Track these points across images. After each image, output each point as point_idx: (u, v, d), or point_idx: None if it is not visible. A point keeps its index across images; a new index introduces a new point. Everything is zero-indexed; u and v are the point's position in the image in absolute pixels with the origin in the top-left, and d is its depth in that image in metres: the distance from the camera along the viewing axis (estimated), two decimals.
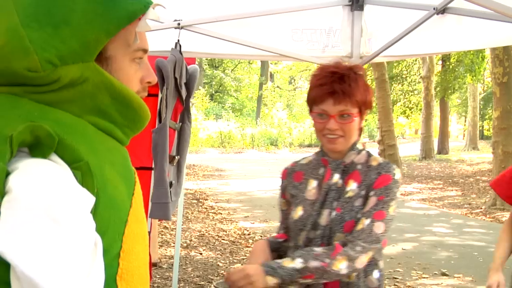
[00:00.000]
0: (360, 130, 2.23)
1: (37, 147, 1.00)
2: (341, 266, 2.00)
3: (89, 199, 1.02)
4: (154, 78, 1.30)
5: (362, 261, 2.04)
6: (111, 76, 1.16)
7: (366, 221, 2.06)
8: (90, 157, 1.06)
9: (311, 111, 2.19)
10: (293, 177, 2.32)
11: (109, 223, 1.07)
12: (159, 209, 3.40)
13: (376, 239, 2.06)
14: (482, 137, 38.98)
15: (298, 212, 2.20)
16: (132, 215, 1.14)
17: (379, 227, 2.06)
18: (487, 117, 33.98)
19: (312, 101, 2.16)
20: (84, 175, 1.03)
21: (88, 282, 0.97)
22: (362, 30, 3.58)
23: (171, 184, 3.54)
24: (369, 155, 2.23)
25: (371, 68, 17.95)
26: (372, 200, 2.09)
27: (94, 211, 1.03)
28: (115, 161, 1.16)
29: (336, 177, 2.17)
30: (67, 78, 1.10)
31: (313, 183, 2.23)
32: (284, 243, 2.33)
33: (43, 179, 0.96)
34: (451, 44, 3.61)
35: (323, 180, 2.19)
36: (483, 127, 40.00)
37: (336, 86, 2.08)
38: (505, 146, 13.85)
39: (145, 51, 1.26)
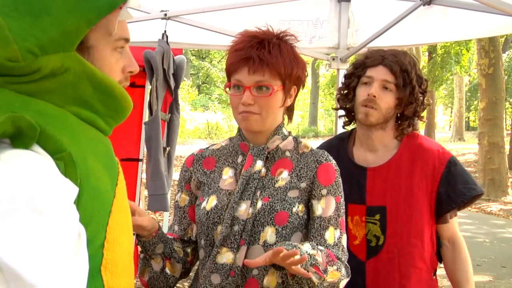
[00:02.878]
0: (290, 111, 1.94)
1: (19, 138, 0.99)
2: (331, 280, 1.73)
3: (72, 190, 1.01)
4: (136, 68, 1.29)
5: (342, 285, 1.79)
6: (92, 65, 1.15)
7: (336, 233, 1.82)
8: (72, 147, 1.05)
9: (228, 82, 1.84)
10: (202, 163, 1.95)
11: (92, 214, 1.06)
12: (157, 201, 3.41)
13: (347, 254, 1.84)
14: (468, 128, 39.24)
15: (211, 202, 1.83)
16: (116, 205, 1.14)
17: (345, 240, 1.85)
18: (473, 108, 34.19)
19: (228, 70, 1.82)
20: (67, 166, 1.02)
21: (72, 272, 0.96)
22: (349, 21, 3.58)
23: (164, 175, 3.54)
24: (297, 141, 1.92)
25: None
26: (331, 202, 1.82)
27: (78, 202, 1.03)
28: (98, 152, 1.15)
29: (259, 164, 1.83)
30: (48, 68, 1.09)
31: (229, 172, 1.88)
32: (176, 242, 1.92)
33: (25, 169, 0.96)
34: (437, 35, 3.62)
35: (243, 168, 1.84)
36: (469, 118, 40.22)
37: (252, 52, 1.73)
38: (490, 137, 13.98)
39: (126, 40, 1.24)
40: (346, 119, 2.45)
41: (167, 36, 3.45)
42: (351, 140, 2.44)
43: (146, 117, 4.13)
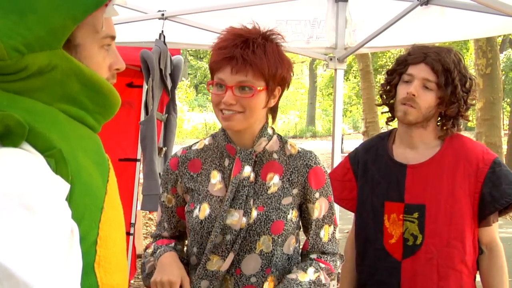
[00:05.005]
0: (274, 112, 1.92)
1: (8, 137, 0.99)
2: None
3: (64, 187, 1.02)
4: (122, 65, 1.29)
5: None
6: (80, 62, 1.16)
7: (330, 229, 1.92)
8: (62, 144, 1.05)
9: (211, 80, 1.80)
10: (187, 166, 1.91)
11: (85, 210, 1.07)
12: (151, 201, 3.40)
13: (337, 245, 1.96)
14: (466, 128, 39.24)
15: (204, 211, 1.81)
16: (107, 202, 1.14)
17: (337, 232, 1.96)
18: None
19: (211, 68, 1.79)
20: (58, 163, 1.03)
21: (66, 269, 0.96)
22: (346, 21, 3.59)
23: (159, 175, 3.53)
24: (282, 140, 1.91)
25: (356, 59, 17.98)
26: (324, 203, 1.89)
27: (70, 199, 1.03)
28: (88, 148, 1.15)
29: (247, 170, 1.80)
30: (35, 66, 1.09)
31: (217, 176, 1.85)
32: (177, 247, 1.96)
33: (15, 168, 0.96)
34: (434, 35, 3.62)
35: (232, 174, 1.82)
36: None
37: (236, 51, 1.69)
38: (488, 137, 13.97)
39: (113, 37, 1.24)
40: (390, 115, 2.41)
41: (164, 36, 3.44)
42: (391, 138, 2.41)
43: (142, 117, 4.13)
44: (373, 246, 2.30)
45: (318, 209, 1.87)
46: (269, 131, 1.87)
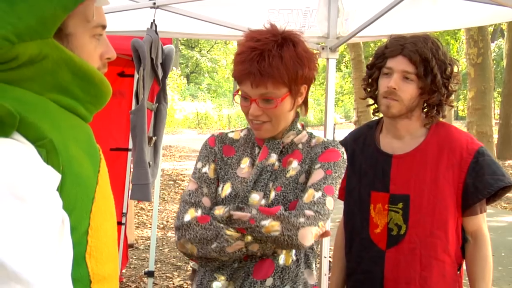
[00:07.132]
0: (305, 104, 1.95)
1: None
2: (273, 230, 1.70)
3: (55, 177, 1.01)
4: (113, 54, 1.29)
5: (307, 234, 1.70)
6: (71, 52, 1.15)
7: (316, 193, 1.76)
8: (54, 134, 1.05)
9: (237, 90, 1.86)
10: (222, 149, 1.97)
11: (76, 201, 1.06)
12: (140, 190, 3.39)
13: (327, 213, 1.76)
14: (457, 117, 39.44)
15: (226, 189, 1.87)
16: (99, 192, 1.14)
17: (330, 203, 1.77)
18: (461, 97, 34.33)
19: (236, 80, 1.84)
20: (49, 153, 1.02)
21: (57, 259, 0.96)
22: (338, 10, 3.57)
23: (148, 165, 3.52)
24: (311, 136, 1.95)
25: (348, 48, 17.97)
26: (319, 173, 1.81)
27: (61, 189, 1.03)
28: (79, 138, 1.15)
29: (273, 158, 1.87)
30: (26, 55, 1.08)
31: (246, 162, 1.92)
32: None
33: (6, 158, 0.95)
34: (427, 24, 3.61)
35: (258, 159, 1.89)
36: (457, 107, 40.39)
37: (253, 67, 1.73)
38: (479, 126, 14.07)
39: (104, 27, 1.24)
40: (376, 106, 2.39)
41: (155, 25, 3.42)
42: (379, 127, 2.42)
43: (133, 106, 4.13)
44: (360, 236, 2.33)
45: (311, 177, 1.82)
46: (299, 126, 1.93)
